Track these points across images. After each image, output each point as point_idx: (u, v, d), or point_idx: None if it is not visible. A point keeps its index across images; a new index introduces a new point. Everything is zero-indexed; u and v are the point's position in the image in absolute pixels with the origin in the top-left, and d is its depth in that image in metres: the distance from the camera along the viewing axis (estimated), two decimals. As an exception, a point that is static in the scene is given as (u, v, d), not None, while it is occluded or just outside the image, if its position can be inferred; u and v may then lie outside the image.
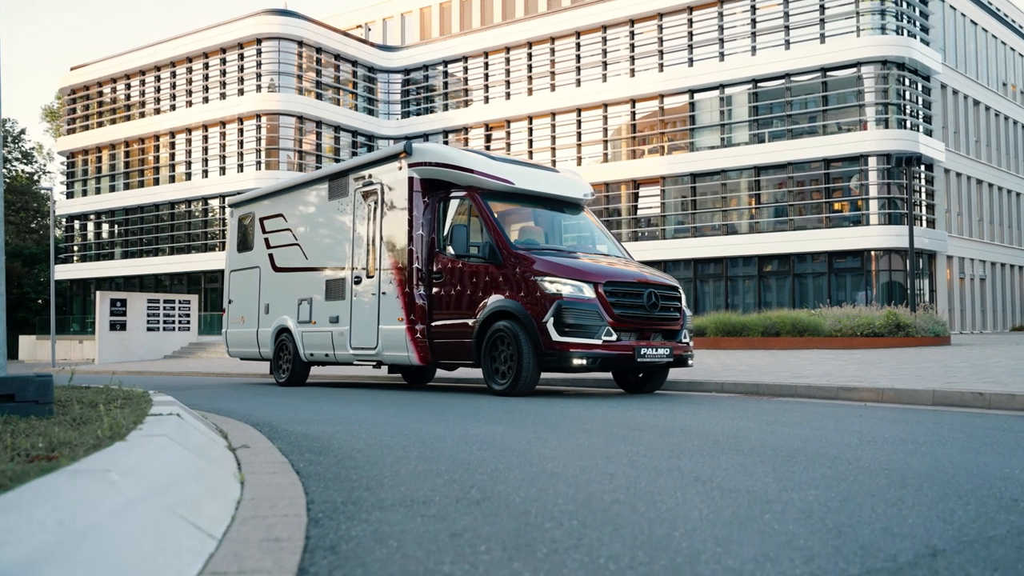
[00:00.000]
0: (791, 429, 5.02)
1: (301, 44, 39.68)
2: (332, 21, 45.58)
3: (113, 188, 45.41)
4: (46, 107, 65.98)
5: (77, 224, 47.49)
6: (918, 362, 12.12)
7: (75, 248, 47.26)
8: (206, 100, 41.27)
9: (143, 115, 43.93)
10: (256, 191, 13.97)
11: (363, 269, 10.64)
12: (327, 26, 41.09)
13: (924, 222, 32.24)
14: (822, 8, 31.73)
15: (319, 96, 40.56)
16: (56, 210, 46.49)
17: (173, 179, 42.96)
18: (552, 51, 37.72)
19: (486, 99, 39.69)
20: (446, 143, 39.23)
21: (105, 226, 46.33)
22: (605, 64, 36.28)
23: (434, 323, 9.60)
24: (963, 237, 36.19)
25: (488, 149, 38.50)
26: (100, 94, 46.06)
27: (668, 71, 34.59)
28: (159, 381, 15.31)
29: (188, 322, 33.77)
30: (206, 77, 41.38)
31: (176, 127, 42.20)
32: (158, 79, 43.41)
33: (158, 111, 43.29)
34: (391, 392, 9.89)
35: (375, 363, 10.57)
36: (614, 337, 8.27)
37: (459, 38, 40.72)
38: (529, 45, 38.31)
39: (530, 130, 38.30)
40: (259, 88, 39.37)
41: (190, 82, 42.04)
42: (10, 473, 2.07)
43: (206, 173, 41.43)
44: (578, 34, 36.93)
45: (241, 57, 40.06)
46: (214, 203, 41.39)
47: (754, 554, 2.08)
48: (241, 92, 39.84)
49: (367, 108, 42.72)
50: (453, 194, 9.76)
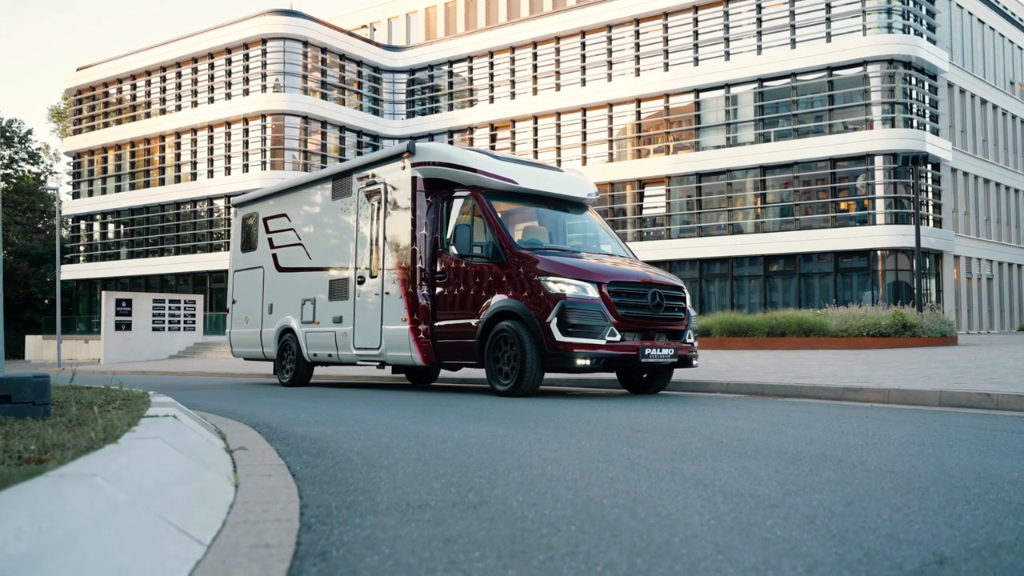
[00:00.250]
0: (796, 431, 4.96)
1: (306, 44, 39.68)
2: (337, 21, 45.59)
3: (119, 188, 45.48)
4: (53, 107, 66.19)
5: (83, 224, 47.58)
6: (925, 362, 12.03)
7: (81, 248, 47.35)
8: (211, 100, 41.29)
9: (149, 115, 43.98)
10: (260, 191, 13.95)
11: (367, 269, 10.60)
12: (332, 26, 41.09)
13: (931, 222, 32.09)
14: (828, 7, 31.60)
15: (324, 96, 40.55)
16: (62, 210, 46.59)
17: (179, 179, 43.00)
18: (557, 51, 37.64)
19: (491, 99, 39.64)
20: (451, 143, 39.17)
21: (111, 226, 46.40)
22: (610, 64, 36.20)
23: (437, 323, 9.56)
24: (970, 237, 36.02)
25: (493, 149, 38.45)
26: (106, 94, 46.13)
27: (673, 70, 34.50)
28: (162, 381, 15.29)
29: (193, 322, 33.80)
30: (211, 77, 41.40)
31: (182, 127, 42.24)
32: (164, 79, 43.46)
33: (164, 111, 43.34)
34: (394, 393, 9.85)
35: (379, 363, 10.54)
36: (618, 337, 8.21)
37: (464, 38, 40.67)
38: (534, 45, 38.24)
39: (535, 130, 38.24)
40: (264, 88, 39.39)
41: (195, 82, 42.07)
42: (-5, 477, 2.03)
43: (211, 173, 41.46)
44: (583, 33, 36.86)
45: (246, 57, 40.07)
46: (219, 203, 41.42)
47: (755, 562, 2.03)
48: (246, 92, 39.86)
49: (372, 108, 42.71)
50: (457, 194, 9.71)
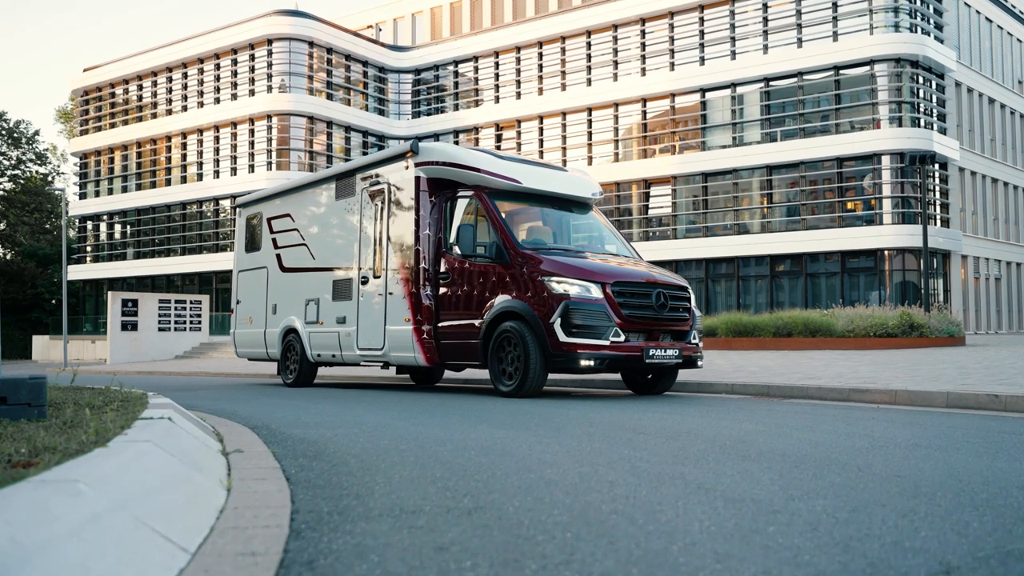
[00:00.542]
0: (801, 433, 4.89)
1: (312, 44, 39.68)
2: (343, 21, 45.58)
3: (125, 189, 45.56)
4: (60, 108, 66.37)
5: (90, 225, 47.66)
6: (932, 363, 11.93)
7: (88, 248, 47.43)
8: (217, 101, 41.32)
9: (155, 116, 44.04)
10: (264, 191, 13.91)
11: (370, 269, 10.56)
12: (338, 26, 41.08)
13: (938, 221, 31.92)
14: (835, 6, 31.46)
15: (330, 96, 40.54)
16: (69, 211, 46.69)
17: (185, 180, 43.05)
18: (563, 50, 37.57)
19: (496, 99, 39.58)
20: (456, 143, 39.14)
21: (117, 227, 46.48)
22: (616, 63, 36.11)
23: (441, 323, 9.51)
24: (978, 236, 35.83)
25: (499, 149, 38.38)
26: (112, 95, 46.21)
27: (679, 70, 34.40)
28: (166, 382, 15.28)
29: (199, 322, 33.82)
30: (217, 78, 41.43)
31: (188, 128, 42.28)
32: (170, 80, 43.51)
33: (170, 112, 43.40)
34: (397, 393, 9.80)
35: (382, 364, 10.49)
36: (622, 338, 8.15)
37: (469, 38, 40.63)
38: (540, 44, 38.17)
39: (541, 130, 38.17)
40: (270, 89, 39.40)
41: (201, 83, 42.11)
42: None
43: (217, 174, 41.49)
44: (589, 33, 36.77)
45: (252, 58, 40.09)
46: (225, 203, 41.42)
47: (755, 572, 1.97)
48: (252, 93, 39.88)
49: (378, 108, 42.69)
50: (460, 193, 9.66)
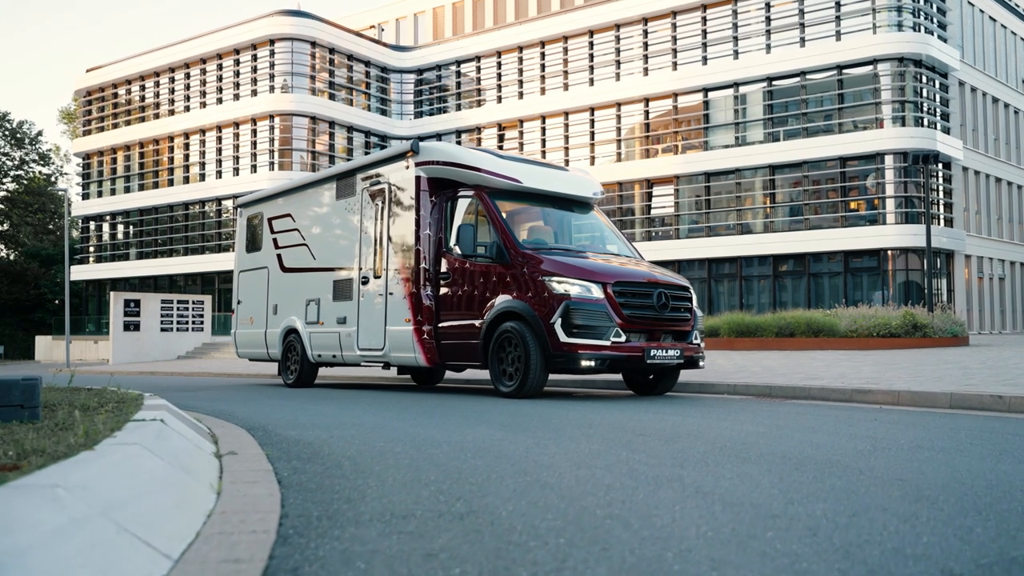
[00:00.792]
0: (802, 435, 4.84)
1: (314, 45, 39.66)
2: (345, 21, 45.56)
3: (128, 189, 45.57)
4: (63, 109, 66.44)
5: (93, 225, 47.69)
6: (935, 363, 11.87)
7: (91, 249, 47.46)
8: (220, 101, 41.32)
9: (157, 116, 44.06)
10: (265, 191, 13.88)
11: (370, 269, 10.52)
12: (340, 26, 41.06)
13: (942, 221, 31.82)
14: (838, 5, 31.37)
15: (332, 96, 40.52)
16: (72, 211, 46.72)
17: (187, 180, 43.05)
18: (565, 50, 37.51)
19: (499, 99, 39.54)
20: (459, 143, 39.08)
21: (120, 227, 46.50)
22: (618, 63, 36.04)
23: (441, 324, 9.47)
24: (981, 236, 35.71)
25: (501, 149, 38.33)
26: (115, 95, 46.23)
27: (682, 69, 34.33)
28: (167, 382, 15.25)
29: (201, 322, 33.82)
30: (220, 78, 41.43)
31: (190, 128, 42.28)
32: (172, 80, 43.52)
33: (172, 112, 43.40)
34: (398, 394, 9.75)
35: (383, 364, 10.45)
36: (623, 338, 8.10)
37: (472, 38, 40.59)
38: (542, 44, 38.12)
39: (543, 130, 38.11)
40: (272, 89, 39.38)
41: (204, 83, 42.11)
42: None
43: (220, 174, 41.49)
44: (591, 33, 36.71)
45: (254, 58, 40.08)
46: (228, 204, 41.41)
47: (752, 579, 1.92)
48: (254, 93, 39.87)
49: (380, 108, 42.66)
50: (461, 193, 9.62)
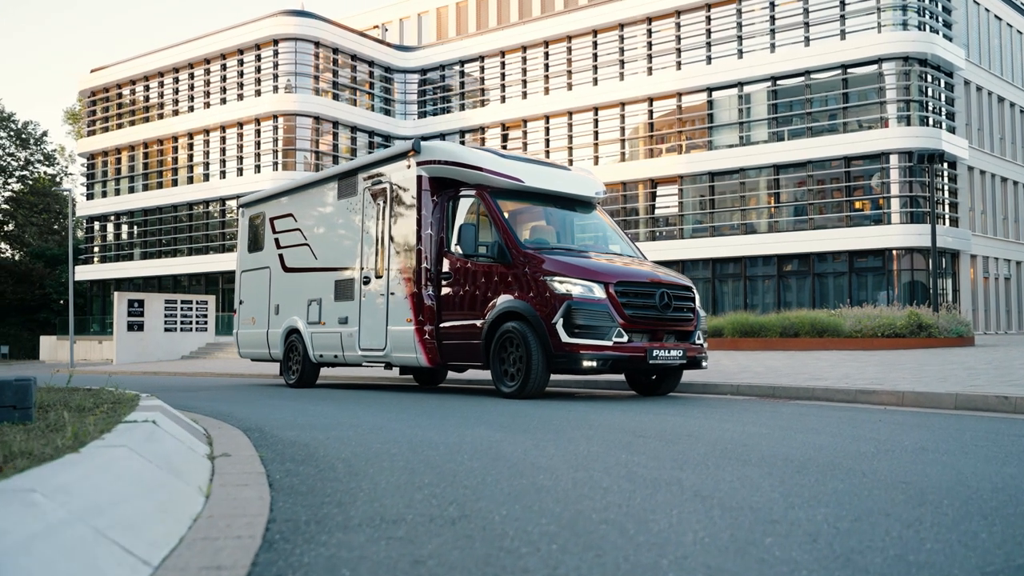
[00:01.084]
0: (805, 436, 4.78)
1: (318, 45, 39.64)
2: (349, 22, 45.55)
3: (132, 189, 45.61)
4: (68, 109, 66.55)
5: (97, 225, 47.74)
6: (940, 364, 11.78)
7: (95, 249, 47.50)
8: (223, 101, 41.32)
9: (161, 116, 44.08)
10: (267, 191, 13.86)
11: (372, 269, 10.48)
12: (344, 27, 41.03)
13: (947, 221, 31.69)
14: (842, 4, 31.26)
15: (336, 97, 40.50)
16: (77, 211, 46.76)
17: (191, 180, 43.06)
18: (569, 50, 37.45)
19: (503, 99, 39.49)
20: (463, 143, 38.99)
21: (124, 227, 46.54)
22: (622, 63, 35.97)
23: (443, 324, 9.42)
24: (987, 236, 35.56)
25: (505, 149, 38.26)
26: (119, 96, 46.28)
27: (686, 69, 34.24)
28: (169, 382, 15.22)
29: (205, 323, 33.81)
30: (223, 78, 41.44)
31: (194, 128, 42.30)
32: (176, 80, 43.54)
33: (176, 112, 43.43)
34: (399, 395, 9.70)
35: (384, 364, 10.40)
36: (625, 338, 8.04)
37: (476, 38, 40.54)
38: (546, 44, 38.06)
39: (547, 129, 38.05)
40: (276, 89, 39.38)
41: (207, 83, 42.13)
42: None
43: (223, 174, 41.49)
44: (595, 32, 36.65)
45: (258, 58, 40.08)
46: (231, 204, 41.41)
47: (750, 586, 1.86)
48: (258, 93, 39.87)
49: (384, 108, 42.63)
50: (462, 193, 9.56)
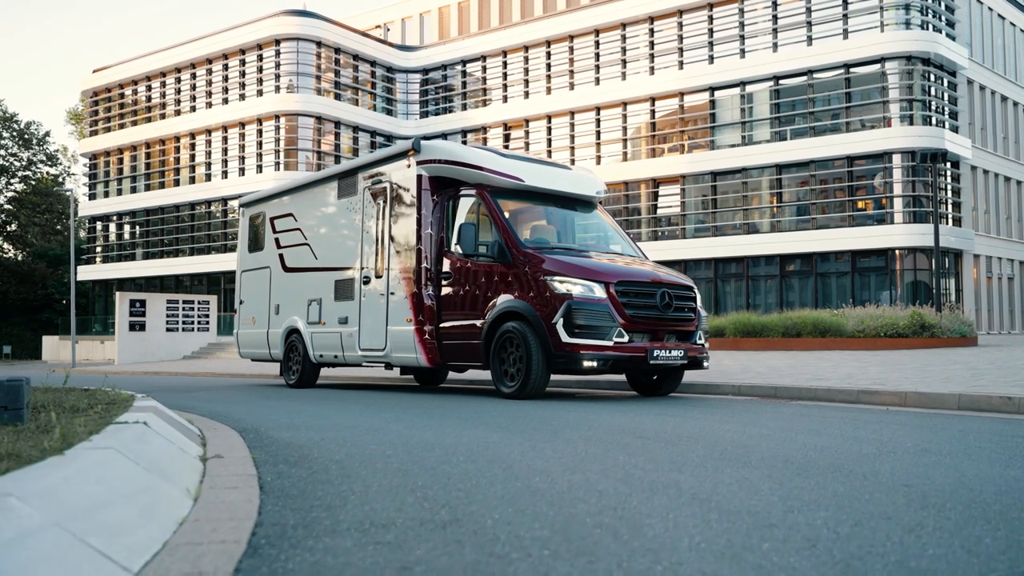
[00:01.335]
0: (806, 437, 4.72)
1: (320, 45, 39.61)
2: (351, 21, 45.51)
3: (135, 189, 45.61)
4: (70, 110, 66.59)
5: (99, 225, 47.74)
6: (943, 364, 11.72)
7: (97, 249, 47.50)
8: (225, 101, 41.30)
9: (164, 116, 44.08)
10: (267, 190, 13.83)
11: (372, 269, 10.43)
12: (346, 26, 41.00)
13: (950, 220, 31.59)
14: (845, 3, 31.17)
15: (338, 96, 40.47)
16: (79, 211, 46.76)
17: (193, 180, 43.06)
18: (571, 49, 37.39)
19: (505, 98, 39.44)
20: (464, 143, 38.96)
21: (127, 227, 46.54)
22: (624, 62, 35.91)
23: (443, 324, 9.37)
24: (990, 235, 35.45)
25: (507, 148, 38.18)
26: (121, 96, 46.28)
27: (688, 68, 34.17)
28: (169, 382, 15.18)
29: (207, 323, 33.80)
30: (225, 78, 41.42)
31: (196, 128, 42.28)
32: (178, 81, 43.54)
33: (178, 112, 43.42)
34: (398, 395, 9.66)
35: (385, 365, 10.36)
36: (626, 338, 7.99)
37: (477, 37, 40.49)
38: (548, 44, 38.00)
39: (549, 129, 37.99)
40: (278, 89, 39.35)
41: (210, 83, 42.11)
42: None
43: (226, 174, 41.48)
44: (597, 32, 36.58)
45: (260, 58, 40.05)
46: (233, 204, 41.35)
47: (746, 594, 1.81)
48: (260, 93, 39.84)
49: (386, 108, 42.60)
50: (462, 192, 9.52)
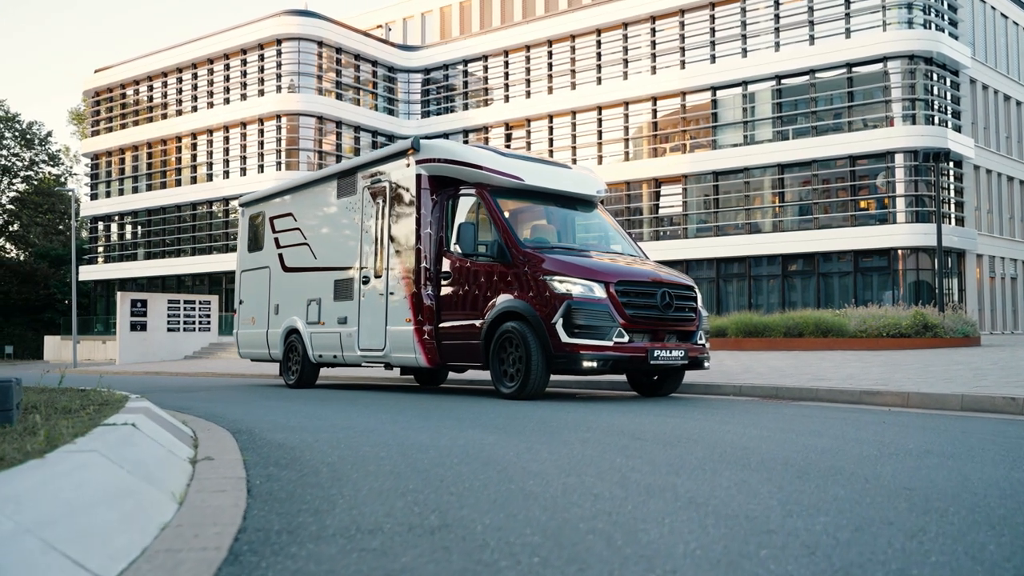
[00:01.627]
0: (807, 439, 4.65)
1: (321, 44, 39.56)
2: (352, 21, 45.45)
3: (136, 189, 45.59)
4: (72, 110, 66.61)
5: (101, 225, 47.72)
6: (946, 364, 11.64)
7: (99, 249, 47.48)
8: (227, 101, 41.26)
9: (165, 116, 44.05)
10: (266, 190, 13.77)
11: (371, 269, 10.38)
12: (347, 26, 40.94)
13: (953, 220, 31.49)
14: (847, 3, 31.07)
15: (339, 96, 40.41)
16: (81, 211, 46.76)
17: (195, 180, 43.03)
18: (572, 49, 37.32)
19: (506, 98, 39.37)
20: (466, 142, 38.89)
21: (128, 227, 46.51)
22: (626, 62, 35.83)
23: (442, 324, 9.31)
24: (993, 235, 35.34)
25: (508, 148, 38.08)
26: (123, 96, 46.25)
27: (690, 68, 34.08)
28: (168, 382, 15.14)
29: (208, 323, 33.77)
30: (227, 78, 41.38)
31: (198, 128, 42.25)
32: (180, 81, 43.51)
33: (180, 112, 43.39)
34: (397, 395, 9.60)
35: (384, 365, 10.31)
36: (626, 339, 7.93)
37: (479, 37, 40.43)
38: (549, 43, 37.93)
39: (550, 129, 37.92)
40: (279, 89, 39.30)
41: (211, 83, 42.06)
42: None
43: (227, 174, 41.45)
44: (599, 32, 36.51)
45: (261, 58, 40.01)
46: (235, 204, 41.31)
47: (742, 604, 1.74)
48: (261, 93, 39.80)
49: (387, 108, 42.54)
50: (462, 191, 9.46)
